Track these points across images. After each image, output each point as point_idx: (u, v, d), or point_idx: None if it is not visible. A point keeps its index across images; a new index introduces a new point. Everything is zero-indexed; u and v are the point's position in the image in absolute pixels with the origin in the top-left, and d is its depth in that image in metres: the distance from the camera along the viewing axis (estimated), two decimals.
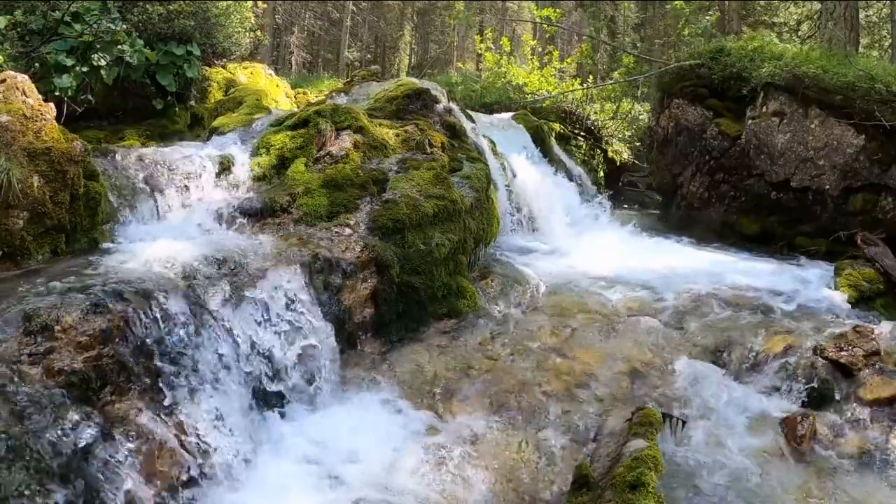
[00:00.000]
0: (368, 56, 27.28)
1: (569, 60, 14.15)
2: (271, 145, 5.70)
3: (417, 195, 5.36)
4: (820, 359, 4.37)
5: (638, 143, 12.38)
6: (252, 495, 3.26)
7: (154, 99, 6.75)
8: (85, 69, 5.93)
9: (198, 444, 3.22)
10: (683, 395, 4.37)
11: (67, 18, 6.01)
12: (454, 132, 6.99)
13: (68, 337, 2.98)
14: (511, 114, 10.43)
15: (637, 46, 20.75)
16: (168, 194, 5.02)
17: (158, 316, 3.34)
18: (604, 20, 21.13)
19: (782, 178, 7.87)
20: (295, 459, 3.55)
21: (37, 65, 5.81)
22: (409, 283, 4.95)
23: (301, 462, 3.54)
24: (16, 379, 2.74)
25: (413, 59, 30.20)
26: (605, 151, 11.73)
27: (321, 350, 4.20)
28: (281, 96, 9.59)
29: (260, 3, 11.67)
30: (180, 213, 4.96)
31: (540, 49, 15.13)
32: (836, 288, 5.78)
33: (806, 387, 4.24)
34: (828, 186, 7.50)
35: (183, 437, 3.18)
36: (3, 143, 3.75)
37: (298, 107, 8.80)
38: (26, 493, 2.55)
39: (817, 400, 4.17)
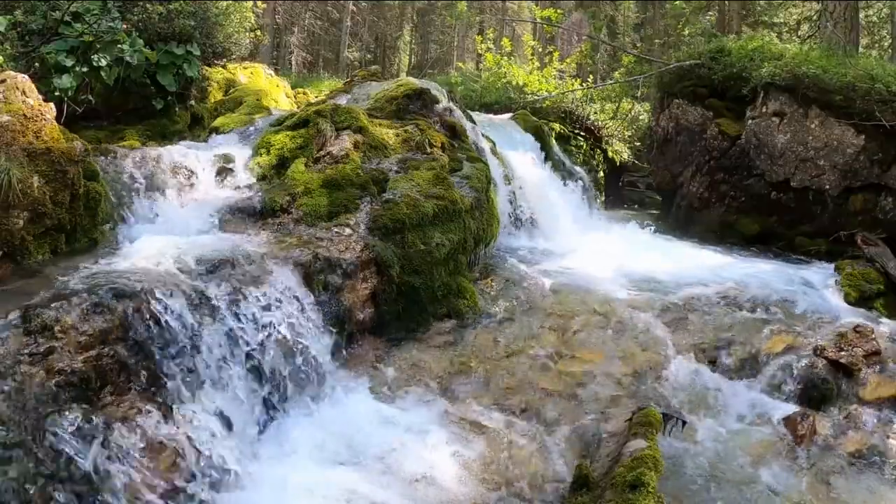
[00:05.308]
0: (368, 56, 27.26)
1: (569, 60, 14.11)
2: (271, 145, 5.70)
3: (417, 195, 5.36)
4: (820, 359, 4.37)
5: (638, 143, 12.37)
6: (252, 494, 3.26)
7: (154, 99, 6.74)
8: (85, 69, 5.91)
9: (198, 443, 3.22)
10: (683, 395, 4.37)
11: (67, 18, 6.00)
12: (454, 132, 6.99)
13: (68, 337, 2.98)
14: (511, 114, 10.42)
15: (637, 46, 20.74)
16: (168, 194, 5.02)
17: (158, 316, 3.34)
18: (604, 20, 21.13)
19: (782, 178, 7.87)
20: (295, 458, 3.55)
21: (37, 65, 5.79)
22: (409, 283, 4.95)
23: (301, 460, 3.54)
24: (16, 379, 2.74)
25: (413, 59, 30.18)
26: (605, 151, 11.71)
27: (321, 349, 4.20)
28: (281, 96, 9.57)
29: (260, 4, 11.66)
30: (180, 212, 4.95)
31: (540, 49, 15.08)
32: (837, 288, 5.78)
33: (806, 387, 4.24)
34: (828, 186, 7.50)
35: (183, 436, 3.18)
36: (3, 143, 3.75)
37: (298, 107, 8.79)
38: (26, 492, 2.55)
39: (817, 400, 4.17)
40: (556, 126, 10.84)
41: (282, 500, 3.26)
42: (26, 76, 4.24)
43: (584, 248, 7.14)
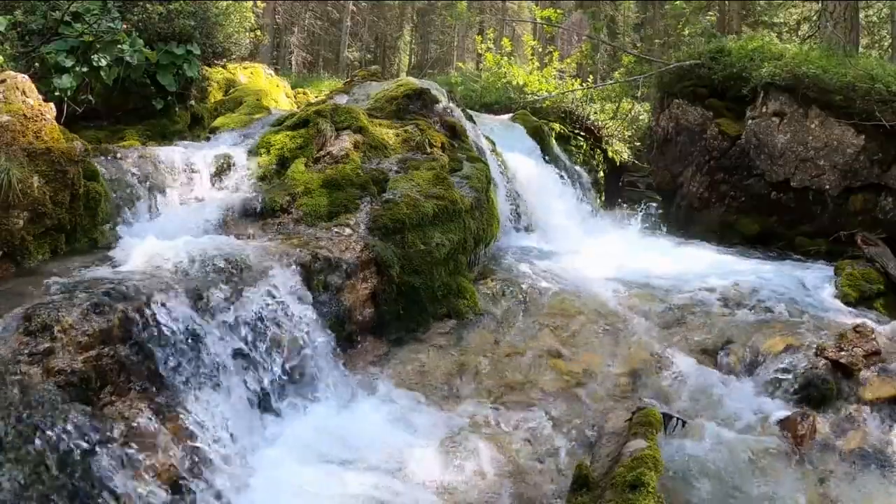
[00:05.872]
0: (368, 56, 27.25)
1: (569, 60, 14.11)
2: (271, 145, 5.70)
3: (417, 195, 5.36)
4: (820, 359, 4.36)
5: (638, 143, 12.36)
6: (252, 494, 3.26)
7: (154, 99, 6.74)
8: (85, 69, 5.91)
9: (197, 443, 3.22)
10: (683, 395, 4.37)
11: (67, 18, 6.00)
12: (454, 132, 6.99)
13: (68, 337, 2.98)
14: (511, 114, 10.42)
15: (637, 46, 20.74)
16: (168, 194, 5.03)
17: (158, 316, 3.34)
18: (604, 20, 21.13)
19: (782, 178, 7.87)
20: (295, 458, 3.55)
21: (37, 65, 5.79)
22: (409, 283, 4.95)
23: (301, 460, 3.54)
24: (15, 379, 2.74)
25: (413, 59, 30.18)
26: (605, 151, 11.71)
27: (321, 350, 4.20)
28: (281, 96, 9.57)
29: (260, 3, 11.66)
30: (180, 213, 4.96)
31: (540, 49, 15.07)
32: (837, 288, 5.78)
33: (806, 386, 4.24)
34: (828, 186, 7.50)
35: (182, 437, 3.18)
36: (3, 143, 3.75)
37: (298, 107, 8.79)
38: (26, 492, 2.55)
39: (817, 400, 4.16)
40: (556, 126, 10.83)
41: (279, 501, 3.25)
42: (26, 76, 4.24)
43: (584, 249, 7.14)
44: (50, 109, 4.19)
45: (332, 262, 4.53)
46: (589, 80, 14.31)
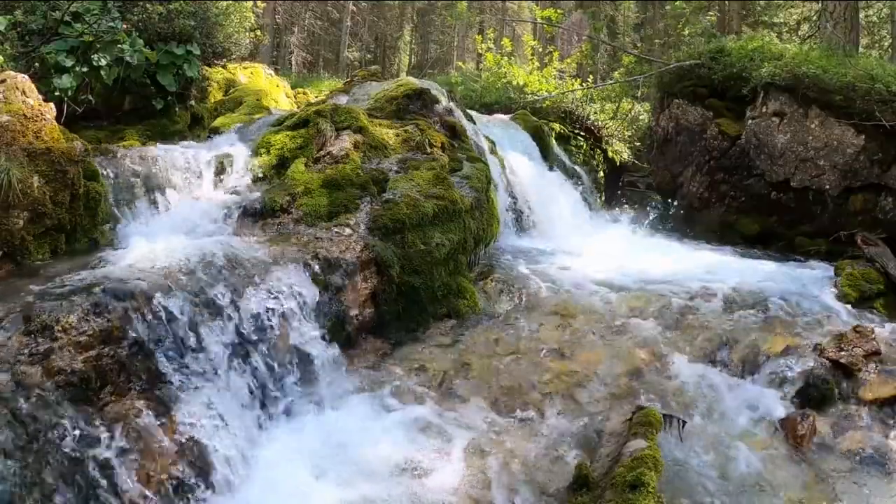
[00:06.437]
0: (368, 56, 27.24)
1: (569, 60, 14.10)
2: (271, 145, 5.71)
3: (417, 195, 5.36)
4: (820, 359, 4.37)
5: (638, 143, 12.36)
6: (251, 495, 3.27)
7: (154, 99, 6.74)
8: (85, 69, 5.91)
9: (197, 444, 3.22)
10: (683, 395, 4.37)
11: (67, 18, 6.01)
12: (454, 132, 6.99)
13: (68, 337, 2.98)
14: (511, 114, 10.42)
15: (637, 46, 20.74)
16: (168, 194, 5.03)
17: (158, 316, 3.35)
18: (604, 20, 21.12)
19: (782, 178, 7.87)
20: (293, 460, 3.55)
21: (37, 65, 5.80)
22: (409, 283, 4.95)
23: (299, 462, 3.54)
24: (16, 379, 2.74)
25: (413, 59, 30.18)
26: (605, 151, 11.71)
27: (321, 350, 4.20)
28: (281, 96, 9.57)
29: (260, 3, 11.66)
30: (180, 213, 4.96)
31: (540, 49, 15.07)
32: (837, 288, 5.78)
33: (806, 386, 4.24)
34: (828, 186, 7.50)
35: (182, 438, 3.18)
36: (3, 143, 3.76)
37: (298, 107, 8.80)
38: (25, 492, 2.55)
39: (817, 400, 4.17)
40: (556, 126, 10.84)
41: (277, 501, 3.25)
42: (26, 76, 4.24)
43: (584, 249, 7.14)
44: (50, 109, 4.19)
45: (332, 262, 4.53)
46: (589, 80, 14.31)
